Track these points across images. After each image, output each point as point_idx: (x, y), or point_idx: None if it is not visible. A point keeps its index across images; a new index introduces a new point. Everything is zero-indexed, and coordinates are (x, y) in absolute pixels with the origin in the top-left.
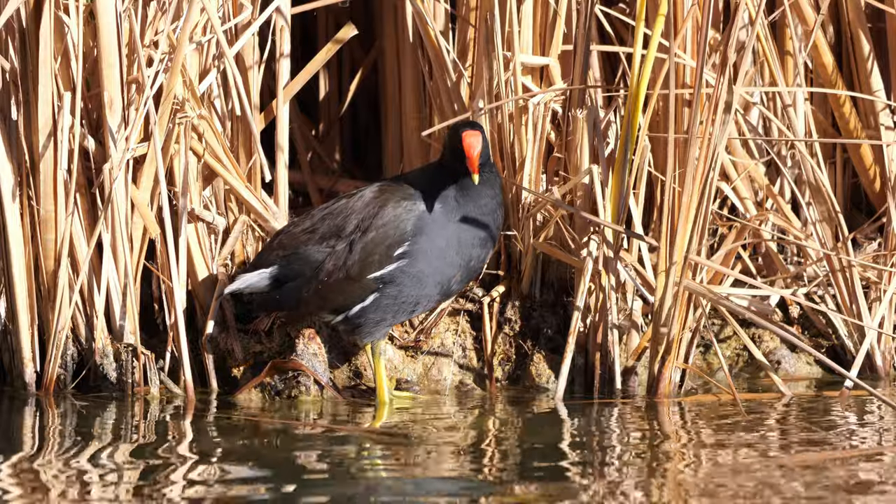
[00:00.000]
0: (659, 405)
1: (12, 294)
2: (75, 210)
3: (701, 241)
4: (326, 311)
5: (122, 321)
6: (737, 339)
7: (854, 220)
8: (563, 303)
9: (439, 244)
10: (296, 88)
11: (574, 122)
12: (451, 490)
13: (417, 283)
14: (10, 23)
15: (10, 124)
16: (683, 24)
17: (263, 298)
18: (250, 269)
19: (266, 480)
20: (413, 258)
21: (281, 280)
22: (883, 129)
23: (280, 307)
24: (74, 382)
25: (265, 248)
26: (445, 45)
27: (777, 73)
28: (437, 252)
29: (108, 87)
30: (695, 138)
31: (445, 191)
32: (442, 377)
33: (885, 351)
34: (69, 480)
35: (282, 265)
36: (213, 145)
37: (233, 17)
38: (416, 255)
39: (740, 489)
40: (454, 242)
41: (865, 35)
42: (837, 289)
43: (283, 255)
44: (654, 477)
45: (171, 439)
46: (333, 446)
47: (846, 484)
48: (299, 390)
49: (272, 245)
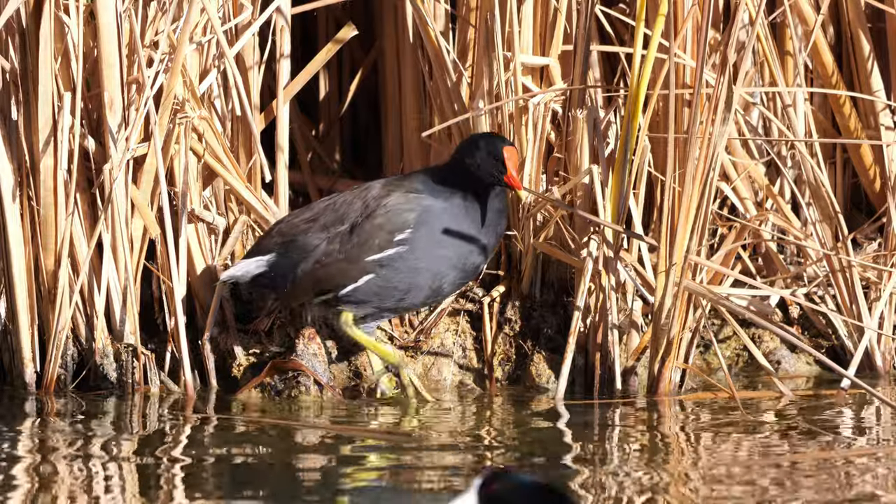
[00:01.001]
0: (659, 404)
1: (12, 294)
2: (75, 210)
3: (701, 241)
4: (317, 292)
5: (122, 321)
6: (737, 339)
7: (854, 220)
8: (564, 303)
9: (440, 240)
10: (296, 89)
11: (574, 123)
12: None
13: (411, 272)
14: (10, 23)
15: (10, 124)
16: (683, 25)
17: (259, 278)
18: (247, 256)
19: (265, 481)
20: (412, 246)
21: (277, 267)
22: (883, 130)
23: (274, 286)
24: (75, 382)
25: (263, 236)
26: (445, 46)
27: (777, 73)
28: (436, 247)
29: (109, 87)
30: (695, 138)
31: (454, 193)
32: (442, 377)
33: (885, 351)
34: (70, 479)
35: (279, 252)
36: (214, 145)
37: (233, 18)
38: (416, 243)
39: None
40: (455, 243)
41: (865, 35)
42: (837, 289)
43: (281, 242)
44: (652, 475)
45: (170, 439)
46: (335, 445)
47: (843, 483)
48: (299, 390)
49: (271, 233)
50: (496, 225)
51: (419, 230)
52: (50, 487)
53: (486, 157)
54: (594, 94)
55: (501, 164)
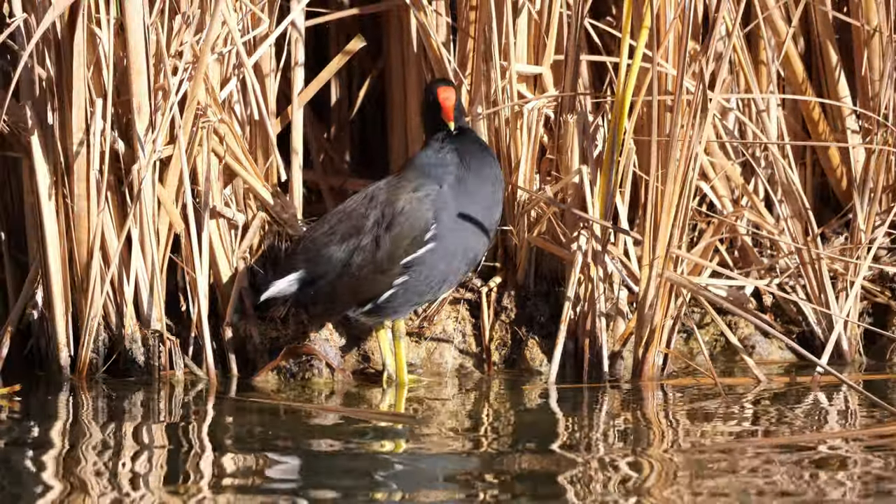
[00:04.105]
0: (643, 388)
1: (48, 284)
2: (107, 207)
3: (682, 235)
4: (357, 303)
5: (149, 309)
6: (714, 326)
7: (822, 216)
8: (555, 292)
9: (459, 217)
10: (309, 95)
11: (565, 126)
12: (454, 466)
13: (445, 259)
14: (46, 35)
15: (46, 128)
16: (665, 36)
17: (298, 298)
18: (279, 275)
19: (281, 459)
20: (440, 238)
21: (307, 282)
22: (849, 133)
23: (315, 304)
24: (105, 366)
25: (289, 254)
26: (447, 55)
27: (752, 80)
28: (461, 225)
29: (137, 93)
30: (676, 141)
31: (446, 168)
32: (443, 361)
33: (851, 337)
34: (100, 456)
35: (308, 269)
36: (234, 147)
37: (251, 30)
38: (443, 233)
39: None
40: (476, 209)
41: (833, 46)
42: (807, 279)
43: (307, 258)
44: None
45: (195, 418)
46: (344, 426)
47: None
48: (312, 373)
49: (296, 251)
50: (494, 177)
51: (441, 220)
52: (83, 462)
53: (431, 103)
54: (583, 101)
55: (438, 106)
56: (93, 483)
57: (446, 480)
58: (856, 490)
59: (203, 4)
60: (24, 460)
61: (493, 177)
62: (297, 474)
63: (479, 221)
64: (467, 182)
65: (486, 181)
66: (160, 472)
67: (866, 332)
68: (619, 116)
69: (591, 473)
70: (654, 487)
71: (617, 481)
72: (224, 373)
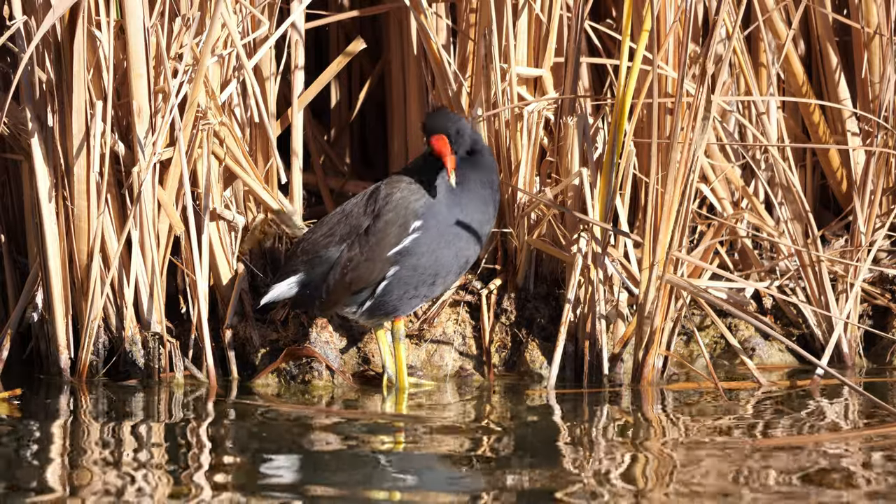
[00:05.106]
0: (642, 391)
1: (49, 286)
2: (106, 209)
3: (682, 237)
4: (352, 294)
5: (149, 311)
6: (714, 329)
7: (823, 218)
8: (555, 295)
9: (450, 220)
10: (309, 97)
11: (565, 129)
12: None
13: (433, 253)
14: (46, 37)
15: (46, 130)
16: (666, 39)
17: (296, 297)
18: (279, 279)
19: (280, 460)
20: (426, 230)
21: (307, 284)
22: (849, 135)
23: (312, 300)
24: (105, 368)
25: (290, 257)
26: (447, 58)
27: (752, 83)
28: (447, 226)
29: (137, 96)
30: (676, 143)
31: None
32: (443, 363)
33: (851, 339)
34: (100, 458)
35: (307, 270)
36: (234, 150)
37: (251, 32)
38: (429, 227)
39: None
40: (465, 214)
41: (833, 48)
42: (807, 282)
43: (306, 259)
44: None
45: (195, 420)
46: (345, 428)
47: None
48: (312, 375)
49: (296, 252)
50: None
51: (430, 213)
52: (84, 464)
53: (427, 140)
54: (584, 103)
55: (435, 153)
56: (93, 485)
57: (446, 482)
58: (857, 491)
59: (203, 7)
60: (25, 462)
61: (490, 182)
62: (297, 475)
63: (473, 217)
64: (463, 183)
65: (483, 186)
66: (160, 473)
67: (866, 334)
68: (620, 119)
69: (590, 481)
70: (653, 492)
71: (618, 484)
72: (224, 375)
